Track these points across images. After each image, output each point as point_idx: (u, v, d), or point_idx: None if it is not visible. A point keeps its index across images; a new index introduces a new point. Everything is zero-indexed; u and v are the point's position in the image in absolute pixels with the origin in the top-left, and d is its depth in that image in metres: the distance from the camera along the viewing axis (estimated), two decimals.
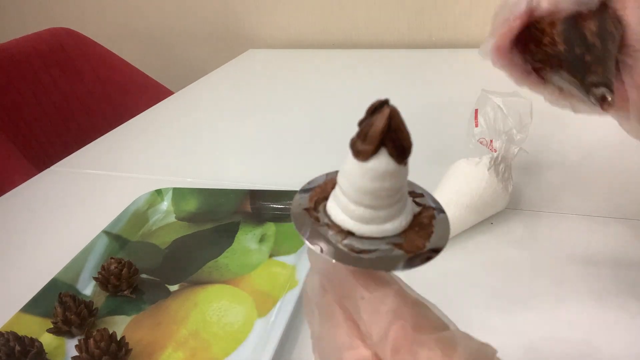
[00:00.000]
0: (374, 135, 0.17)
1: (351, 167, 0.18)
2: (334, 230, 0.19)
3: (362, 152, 0.17)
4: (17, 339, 0.42)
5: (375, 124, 0.17)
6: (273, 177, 0.71)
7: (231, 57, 1.37)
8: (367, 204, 0.18)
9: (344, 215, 0.19)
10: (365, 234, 0.19)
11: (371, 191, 0.18)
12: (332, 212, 0.19)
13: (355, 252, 0.18)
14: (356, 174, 0.18)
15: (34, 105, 1.13)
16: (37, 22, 1.67)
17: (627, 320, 0.42)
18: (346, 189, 0.18)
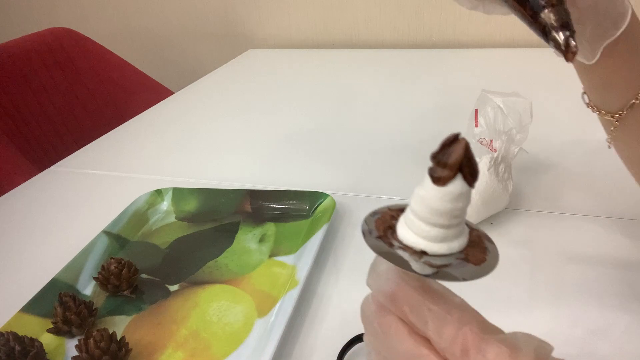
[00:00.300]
0: (454, 163, 0.20)
1: (429, 193, 0.21)
2: (409, 252, 0.22)
3: (443, 178, 0.20)
4: (17, 339, 0.42)
5: (454, 154, 0.20)
6: (273, 177, 0.71)
7: (231, 57, 1.37)
8: (441, 224, 0.21)
9: (417, 238, 0.22)
10: (437, 252, 0.22)
11: (447, 212, 0.21)
12: (404, 236, 0.22)
13: (434, 267, 0.21)
14: (434, 197, 0.21)
15: (34, 105, 1.13)
16: (37, 22, 1.67)
17: (627, 320, 0.42)
18: (422, 213, 0.21)
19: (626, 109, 0.39)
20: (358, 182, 0.67)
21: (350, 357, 0.41)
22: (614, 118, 0.40)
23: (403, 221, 0.22)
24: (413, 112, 0.89)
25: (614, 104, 0.40)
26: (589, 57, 0.35)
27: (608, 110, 0.40)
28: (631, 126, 0.40)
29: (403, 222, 0.22)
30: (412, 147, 0.75)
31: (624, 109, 0.39)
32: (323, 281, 0.50)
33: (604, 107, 0.40)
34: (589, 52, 0.35)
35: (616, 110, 0.40)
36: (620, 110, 0.39)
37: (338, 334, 0.43)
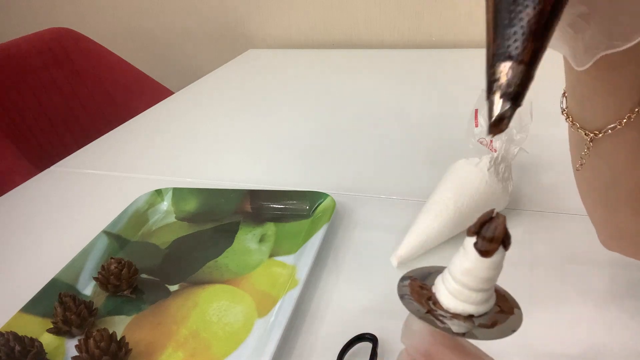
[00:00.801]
0: (499, 237, 0.23)
1: (476, 264, 0.23)
2: (461, 319, 0.24)
3: (490, 251, 0.23)
4: (17, 339, 0.42)
5: (498, 229, 0.23)
6: (273, 177, 0.71)
7: (231, 57, 1.37)
8: (485, 289, 0.24)
9: (465, 304, 0.24)
10: (482, 312, 0.24)
11: (492, 277, 0.24)
12: (451, 305, 0.24)
13: (488, 327, 0.24)
14: (482, 268, 0.23)
15: (34, 105, 1.13)
16: (37, 22, 1.67)
17: (627, 320, 0.42)
18: (469, 282, 0.23)
19: (604, 131, 0.33)
20: (358, 182, 0.67)
21: (350, 357, 0.41)
22: (587, 137, 0.35)
23: (446, 292, 0.24)
24: (413, 112, 0.89)
25: (594, 121, 0.34)
26: (579, 62, 0.30)
27: (584, 125, 0.35)
28: (606, 150, 0.35)
29: (446, 292, 0.24)
30: (412, 147, 0.75)
31: (601, 130, 0.34)
32: (323, 281, 0.50)
33: (581, 120, 0.35)
34: (581, 56, 0.30)
35: (594, 128, 0.34)
36: (598, 130, 0.34)
37: (338, 334, 0.43)
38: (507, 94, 0.21)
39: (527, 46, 0.21)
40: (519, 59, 0.21)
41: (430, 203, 0.52)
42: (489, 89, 0.21)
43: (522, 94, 0.21)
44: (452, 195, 0.51)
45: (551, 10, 0.21)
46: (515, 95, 0.21)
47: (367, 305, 0.46)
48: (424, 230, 0.50)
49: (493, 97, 0.21)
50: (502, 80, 0.21)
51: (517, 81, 0.21)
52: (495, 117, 0.21)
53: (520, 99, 0.21)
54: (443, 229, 0.50)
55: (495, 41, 0.21)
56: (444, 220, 0.50)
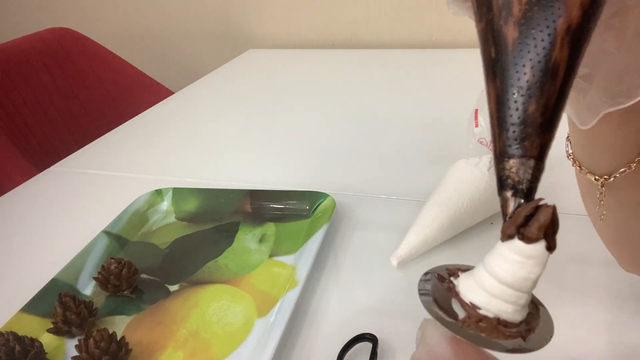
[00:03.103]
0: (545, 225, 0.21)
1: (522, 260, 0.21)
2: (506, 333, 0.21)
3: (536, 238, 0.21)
4: (17, 339, 0.42)
5: (546, 217, 0.21)
6: (273, 177, 0.71)
7: (231, 57, 1.37)
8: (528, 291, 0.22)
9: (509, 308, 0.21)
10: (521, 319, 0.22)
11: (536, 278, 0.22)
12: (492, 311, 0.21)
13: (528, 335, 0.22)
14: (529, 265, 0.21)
15: (34, 105, 1.13)
16: (37, 22, 1.67)
17: (627, 320, 0.42)
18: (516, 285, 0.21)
19: (614, 175, 0.33)
20: (358, 182, 0.67)
21: (350, 357, 0.41)
22: (598, 181, 0.34)
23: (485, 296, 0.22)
24: (413, 113, 0.89)
25: (602, 167, 0.33)
26: (582, 122, 0.29)
27: (593, 170, 0.34)
28: (618, 191, 0.34)
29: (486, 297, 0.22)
30: (412, 147, 0.75)
31: (611, 175, 0.33)
32: (323, 281, 0.50)
33: (589, 166, 0.34)
34: (584, 116, 0.29)
35: (603, 173, 0.33)
36: (608, 174, 0.33)
37: (338, 334, 0.43)
38: (520, 190, 0.20)
39: (534, 141, 0.20)
40: (528, 154, 0.20)
41: (430, 203, 0.52)
42: (500, 185, 0.21)
43: (534, 188, 0.21)
44: (452, 195, 0.51)
45: (555, 103, 0.20)
46: (528, 191, 0.21)
47: (367, 305, 0.46)
48: (424, 230, 0.50)
49: (506, 194, 0.21)
50: (513, 177, 0.20)
51: (528, 177, 0.20)
52: (510, 215, 0.21)
53: (532, 194, 0.21)
54: (443, 229, 0.51)
55: (501, 136, 0.21)
56: (444, 220, 0.50)
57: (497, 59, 0.20)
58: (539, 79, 0.19)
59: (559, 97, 0.20)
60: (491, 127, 0.21)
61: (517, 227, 0.21)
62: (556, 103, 0.20)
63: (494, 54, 0.20)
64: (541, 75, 0.19)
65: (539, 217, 0.20)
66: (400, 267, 0.50)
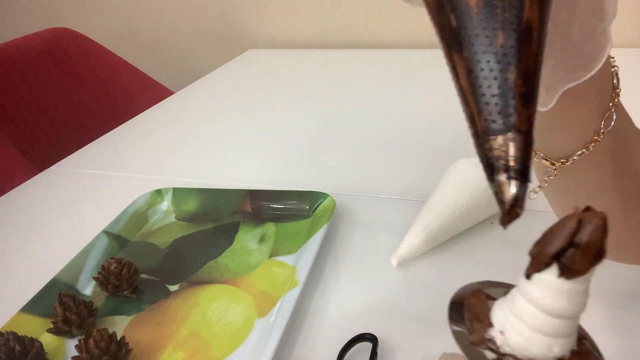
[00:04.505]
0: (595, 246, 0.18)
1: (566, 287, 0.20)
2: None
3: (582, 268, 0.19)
4: (17, 339, 0.42)
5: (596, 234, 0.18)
6: (273, 177, 0.71)
7: (231, 57, 1.37)
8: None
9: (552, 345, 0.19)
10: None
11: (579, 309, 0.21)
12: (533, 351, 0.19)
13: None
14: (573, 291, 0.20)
15: (34, 105, 1.13)
16: (37, 22, 1.67)
17: (627, 320, 0.42)
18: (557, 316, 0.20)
19: (572, 158, 0.32)
20: (358, 182, 0.67)
21: (350, 357, 0.41)
22: (553, 165, 0.33)
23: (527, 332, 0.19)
24: (413, 112, 0.89)
25: (558, 150, 0.33)
26: (542, 104, 0.28)
27: (548, 155, 0.33)
28: (575, 175, 0.33)
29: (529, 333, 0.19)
30: (412, 147, 0.75)
31: (569, 158, 0.32)
32: (323, 281, 0.50)
33: (545, 150, 0.33)
34: (543, 97, 0.28)
35: (559, 157, 0.33)
36: (565, 158, 0.32)
37: (338, 334, 0.43)
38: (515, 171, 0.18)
39: (522, 113, 0.18)
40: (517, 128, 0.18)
41: (430, 203, 0.52)
42: (490, 170, 0.18)
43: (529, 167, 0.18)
44: (452, 195, 0.51)
45: (534, 69, 0.18)
46: (523, 171, 0.18)
47: (367, 305, 0.46)
48: (424, 230, 0.50)
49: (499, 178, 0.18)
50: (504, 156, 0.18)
51: (521, 154, 0.18)
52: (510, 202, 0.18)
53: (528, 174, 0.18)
54: (443, 229, 0.50)
55: (481, 112, 0.18)
56: (444, 220, 0.50)
57: (460, 26, 0.18)
58: (513, 42, 0.17)
59: (537, 62, 0.18)
60: (465, 106, 0.19)
61: (552, 256, 0.18)
62: (534, 69, 0.18)
63: (455, 22, 0.18)
64: (515, 36, 0.17)
65: (584, 239, 0.17)
66: (400, 267, 0.50)
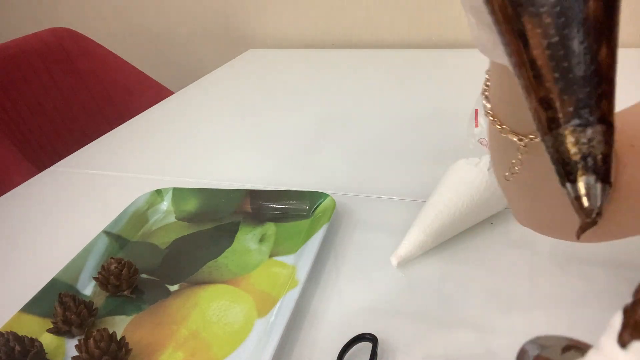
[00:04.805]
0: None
1: None
2: None
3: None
4: (17, 339, 0.42)
5: None
6: (273, 177, 0.71)
7: (231, 57, 1.37)
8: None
9: None
10: None
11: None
12: None
13: None
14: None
15: (34, 105, 1.13)
16: (37, 22, 1.67)
17: None
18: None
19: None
20: (358, 182, 0.67)
21: (350, 357, 0.41)
22: (521, 142, 0.30)
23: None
24: (413, 112, 0.89)
25: (528, 124, 0.29)
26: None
27: (516, 128, 0.30)
28: (538, 159, 0.30)
29: None
30: (412, 147, 0.75)
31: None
32: (323, 281, 0.50)
33: (512, 123, 0.31)
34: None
35: (528, 132, 0.30)
36: (534, 133, 0.29)
37: (338, 334, 0.43)
38: (603, 173, 0.15)
39: (611, 100, 0.14)
40: (606, 119, 0.14)
41: (430, 203, 0.52)
42: (570, 169, 0.15)
43: (611, 165, 0.15)
44: (452, 195, 0.51)
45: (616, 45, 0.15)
46: (606, 171, 0.15)
47: (367, 305, 0.46)
48: (424, 230, 0.50)
49: (588, 181, 0.14)
50: (594, 152, 0.14)
51: (609, 152, 0.15)
52: (597, 210, 0.15)
53: (610, 175, 0.15)
54: (443, 229, 0.50)
55: (563, 97, 0.14)
56: (444, 220, 0.50)
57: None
58: (604, 10, 0.14)
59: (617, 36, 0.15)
60: (535, 86, 0.15)
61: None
62: (616, 47, 0.15)
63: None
64: (607, 4, 0.14)
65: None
66: (400, 267, 0.50)
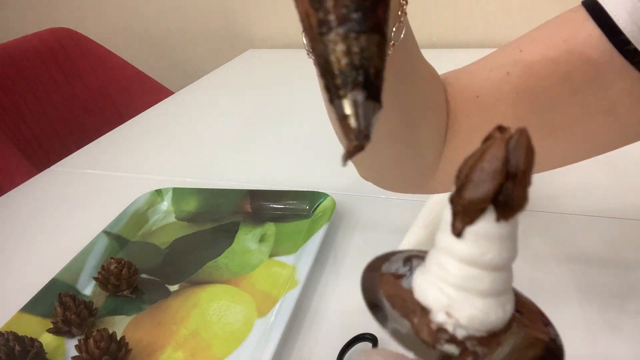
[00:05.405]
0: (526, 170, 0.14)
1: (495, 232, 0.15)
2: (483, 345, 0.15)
3: (517, 206, 0.14)
4: (17, 339, 0.42)
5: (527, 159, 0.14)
6: (273, 177, 0.71)
7: (231, 57, 1.37)
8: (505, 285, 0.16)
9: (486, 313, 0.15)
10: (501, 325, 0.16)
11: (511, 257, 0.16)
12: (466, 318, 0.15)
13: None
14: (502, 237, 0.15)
15: (34, 105, 1.13)
16: (37, 22, 1.67)
17: (627, 320, 0.42)
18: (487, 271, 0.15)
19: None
20: (358, 182, 0.67)
21: (350, 357, 0.41)
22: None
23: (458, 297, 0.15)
24: None
25: None
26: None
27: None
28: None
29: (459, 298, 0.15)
30: None
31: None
32: (323, 281, 0.50)
33: None
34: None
35: None
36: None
37: (338, 334, 0.43)
38: (370, 87, 0.13)
39: (384, 8, 0.13)
40: (379, 29, 0.13)
41: (430, 203, 0.52)
42: (338, 85, 0.13)
43: (383, 83, 0.13)
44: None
45: None
46: (377, 88, 0.13)
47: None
48: (424, 230, 0.50)
49: (355, 97, 0.13)
50: (360, 65, 0.13)
51: (381, 63, 0.13)
52: (369, 127, 0.13)
53: (381, 93, 0.13)
54: None
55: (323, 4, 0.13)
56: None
57: None
58: None
59: None
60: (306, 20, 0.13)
61: (491, 198, 0.14)
62: None
63: None
64: None
65: (520, 166, 0.14)
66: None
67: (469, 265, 0.15)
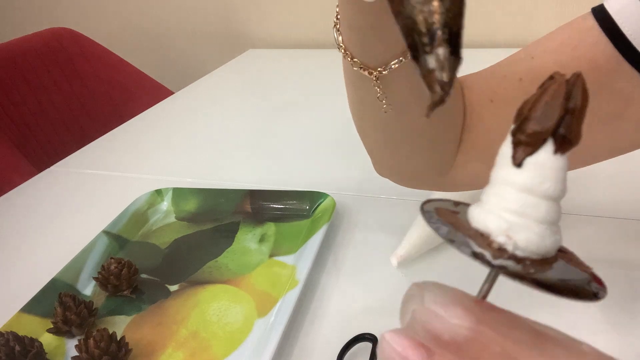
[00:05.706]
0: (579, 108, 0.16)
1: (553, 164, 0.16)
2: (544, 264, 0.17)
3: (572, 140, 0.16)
4: (17, 339, 0.42)
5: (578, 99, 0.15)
6: (273, 177, 0.71)
7: (231, 57, 1.37)
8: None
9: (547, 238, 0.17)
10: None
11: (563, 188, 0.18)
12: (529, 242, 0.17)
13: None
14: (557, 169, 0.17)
15: (34, 105, 1.13)
16: (37, 22, 1.67)
17: (627, 320, 0.42)
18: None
19: (389, 66, 0.30)
20: (358, 182, 0.67)
21: (350, 357, 0.41)
22: (372, 75, 0.31)
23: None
24: None
25: (375, 58, 0.31)
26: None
27: (366, 62, 0.31)
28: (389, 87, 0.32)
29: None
30: None
31: (386, 66, 0.31)
32: (323, 281, 0.50)
33: (363, 56, 0.31)
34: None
35: (377, 64, 0.31)
36: (382, 66, 0.31)
37: (338, 334, 0.43)
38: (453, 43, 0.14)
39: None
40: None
41: None
42: (425, 42, 0.14)
43: (461, 28, 0.14)
44: (452, 194, 0.51)
45: None
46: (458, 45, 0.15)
47: (367, 305, 0.46)
48: (424, 230, 0.50)
49: (444, 52, 0.14)
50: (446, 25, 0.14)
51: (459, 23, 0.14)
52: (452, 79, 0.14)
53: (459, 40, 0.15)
54: None
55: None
56: None
57: None
58: None
59: None
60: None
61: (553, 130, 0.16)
62: None
63: None
64: None
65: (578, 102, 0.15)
66: (400, 267, 0.50)
67: (528, 194, 0.17)
